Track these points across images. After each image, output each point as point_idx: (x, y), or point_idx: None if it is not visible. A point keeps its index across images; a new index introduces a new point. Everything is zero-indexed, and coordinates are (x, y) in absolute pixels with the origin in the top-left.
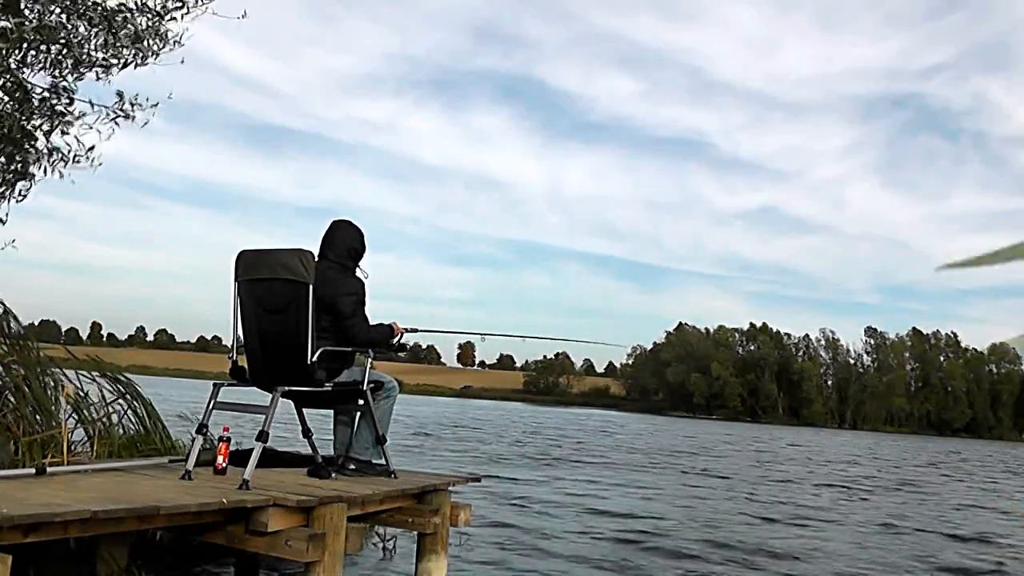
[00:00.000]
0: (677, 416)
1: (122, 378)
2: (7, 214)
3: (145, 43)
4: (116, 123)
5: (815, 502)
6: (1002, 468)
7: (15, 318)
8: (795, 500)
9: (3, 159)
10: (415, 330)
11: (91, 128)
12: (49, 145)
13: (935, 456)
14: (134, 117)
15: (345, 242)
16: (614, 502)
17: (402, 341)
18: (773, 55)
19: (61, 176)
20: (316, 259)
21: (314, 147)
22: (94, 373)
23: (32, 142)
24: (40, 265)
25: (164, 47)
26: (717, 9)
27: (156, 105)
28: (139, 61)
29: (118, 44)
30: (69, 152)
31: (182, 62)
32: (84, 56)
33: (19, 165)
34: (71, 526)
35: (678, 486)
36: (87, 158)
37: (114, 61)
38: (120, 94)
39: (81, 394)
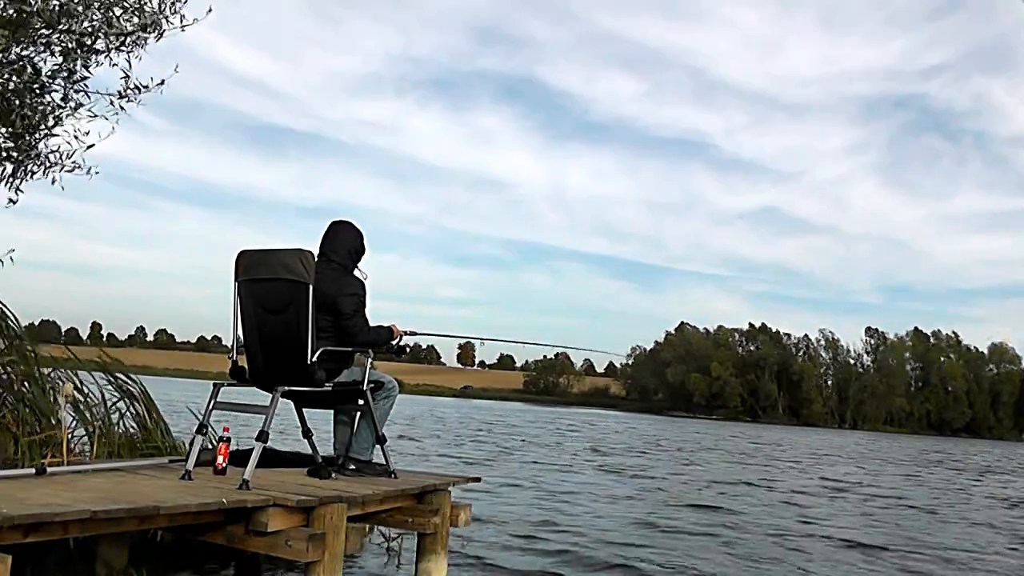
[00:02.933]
0: (677, 416)
1: (127, 377)
2: (18, 192)
3: (146, 9)
4: (121, 107)
5: (732, 505)
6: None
7: (15, 318)
8: (706, 502)
9: (13, 140)
10: (414, 333)
11: (94, 117)
12: (47, 146)
13: (908, 455)
14: (139, 101)
15: (345, 243)
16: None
17: (401, 343)
18: (775, 56)
19: (53, 182)
20: (316, 259)
21: (315, 147)
22: (95, 374)
23: (42, 123)
24: (40, 265)
25: (165, 9)
26: (719, 10)
27: (162, 83)
28: (142, 36)
29: (120, 20)
30: (66, 153)
31: (177, 69)
32: (88, 35)
33: (30, 142)
34: (71, 526)
35: (591, 485)
36: (83, 163)
37: (117, 30)
38: (125, 73)
39: (80, 394)
